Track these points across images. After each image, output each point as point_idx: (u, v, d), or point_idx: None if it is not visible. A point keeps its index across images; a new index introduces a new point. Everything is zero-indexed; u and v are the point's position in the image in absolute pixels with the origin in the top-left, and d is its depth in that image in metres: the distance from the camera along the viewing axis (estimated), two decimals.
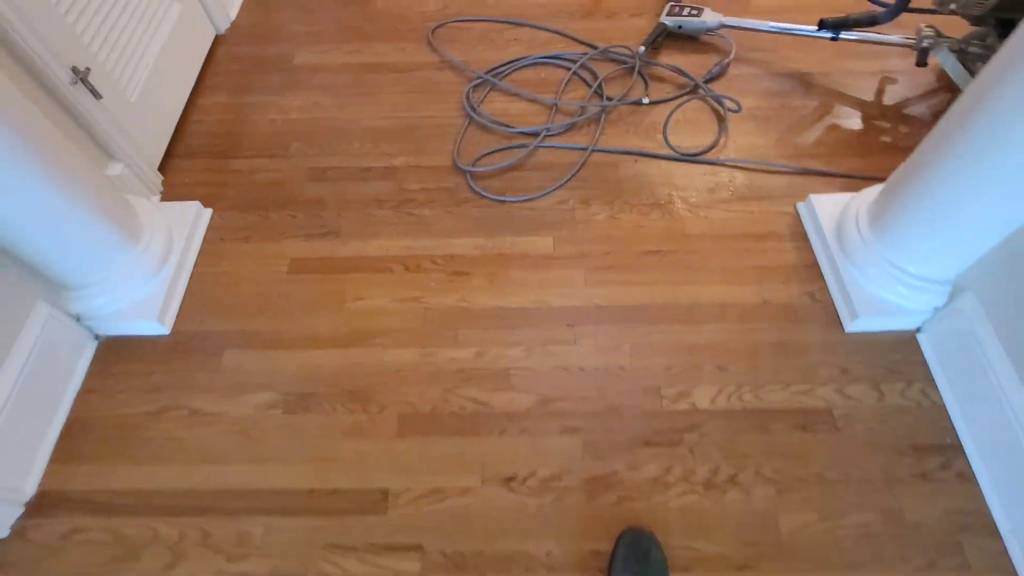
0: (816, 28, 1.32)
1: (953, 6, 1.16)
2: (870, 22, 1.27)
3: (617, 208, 1.16)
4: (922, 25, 1.29)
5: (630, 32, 1.47)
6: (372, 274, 1.08)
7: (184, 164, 1.26)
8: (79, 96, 1.00)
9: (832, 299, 1.02)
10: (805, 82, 1.36)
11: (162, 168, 1.24)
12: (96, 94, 1.03)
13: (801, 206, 1.14)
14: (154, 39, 1.23)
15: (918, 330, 0.98)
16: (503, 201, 1.18)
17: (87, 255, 0.94)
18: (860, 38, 1.31)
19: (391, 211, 1.17)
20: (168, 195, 1.21)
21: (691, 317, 1.01)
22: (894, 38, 1.30)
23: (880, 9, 1.25)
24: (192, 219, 1.12)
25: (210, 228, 1.16)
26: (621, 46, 1.41)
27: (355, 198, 1.19)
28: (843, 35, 1.31)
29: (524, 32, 1.49)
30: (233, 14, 1.54)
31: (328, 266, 1.10)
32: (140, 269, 1.01)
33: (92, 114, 1.03)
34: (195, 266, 1.10)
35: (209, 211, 1.17)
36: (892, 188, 0.93)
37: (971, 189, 0.78)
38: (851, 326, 0.98)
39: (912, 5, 1.19)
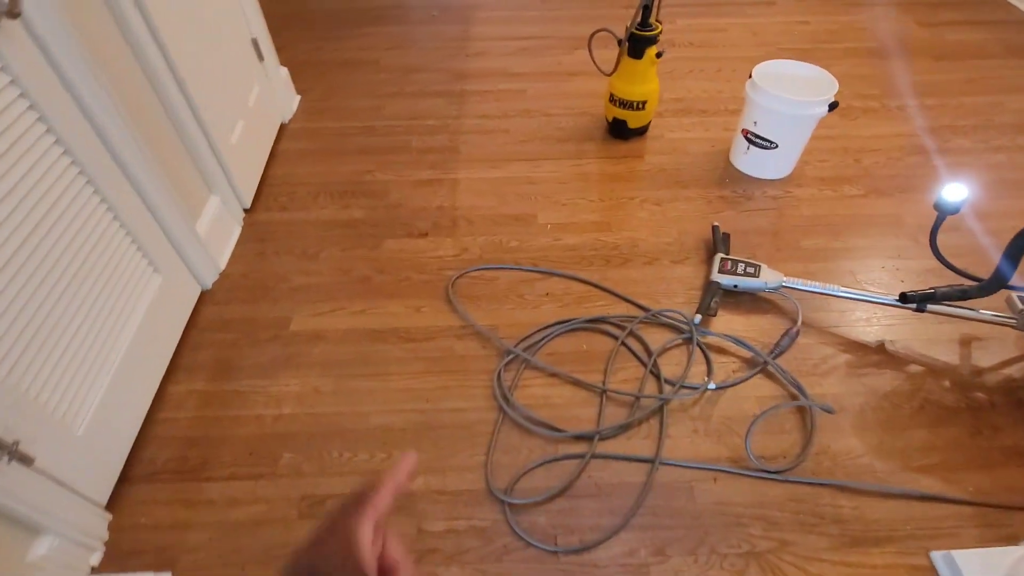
0: (897, 299, 1.16)
1: None
2: (960, 296, 1.12)
3: (704, 560, 0.90)
4: (1016, 297, 1.13)
5: (674, 283, 1.31)
6: None
7: (142, 493, 0.99)
8: (7, 472, 0.75)
9: None
10: (884, 351, 1.18)
11: (113, 501, 0.97)
12: (28, 460, 0.78)
13: (938, 559, 0.90)
14: (120, 336, 1.01)
15: None
16: (555, 552, 0.92)
17: None
18: (949, 312, 1.15)
19: None
20: (117, 545, 0.93)
21: None
22: (987, 315, 1.14)
23: (972, 283, 1.10)
24: None
25: None
26: (672, 312, 1.23)
27: None
28: (930, 307, 1.15)
29: (556, 284, 1.32)
30: (223, 262, 1.36)
31: None
32: None
33: (16, 489, 0.77)
34: None
35: None
36: None
37: None
38: None
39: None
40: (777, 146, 1.49)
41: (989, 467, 1.01)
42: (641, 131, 1.69)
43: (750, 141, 1.52)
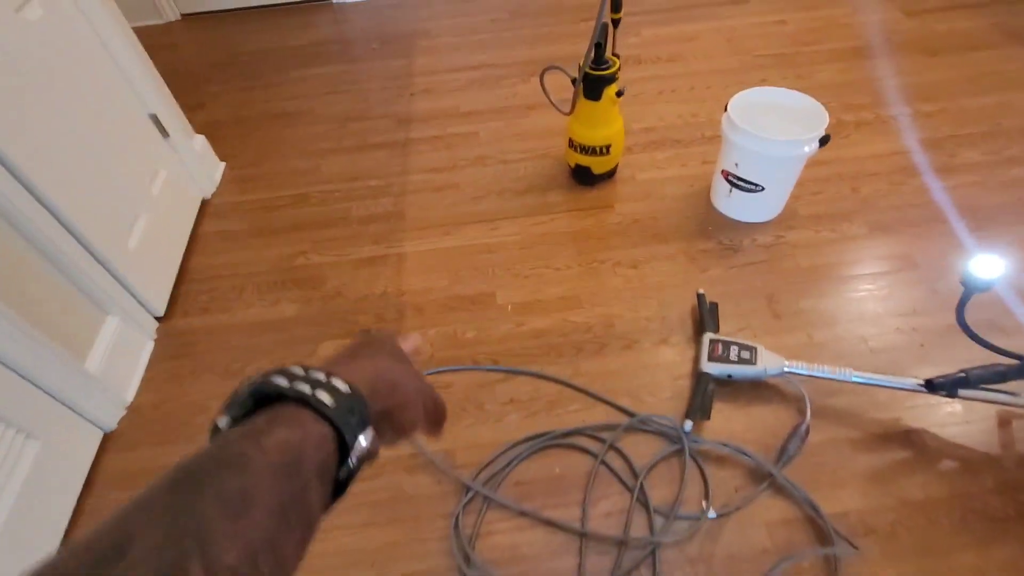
0: (922, 385, 0.97)
1: None
2: (998, 379, 0.94)
3: None
4: None
5: (658, 372, 1.12)
6: None
7: None
8: None
9: None
10: (910, 443, 1.00)
11: None
12: None
13: None
14: None
15: None
16: None
17: None
18: (985, 398, 0.97)
19: None
20: None
21: None
22: None
23: (1014, 363, 0.91)
24: None
25: None
26: (659, 419, 1.04)
27: None
28: (961, 394, 0.96)
29: (522, 385, 1.13)
30: (130, 393, 1.15)
31: None
32: None
33: None
34: None
35: None
36: None
37: None
38: None
39: None
40: (763, 188, 1.29)
41: None
42: (609, 174, 1.50)
43: (732, 184, 1.32)
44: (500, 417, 1.08)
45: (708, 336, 1.11)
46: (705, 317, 1.16)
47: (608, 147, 1.40)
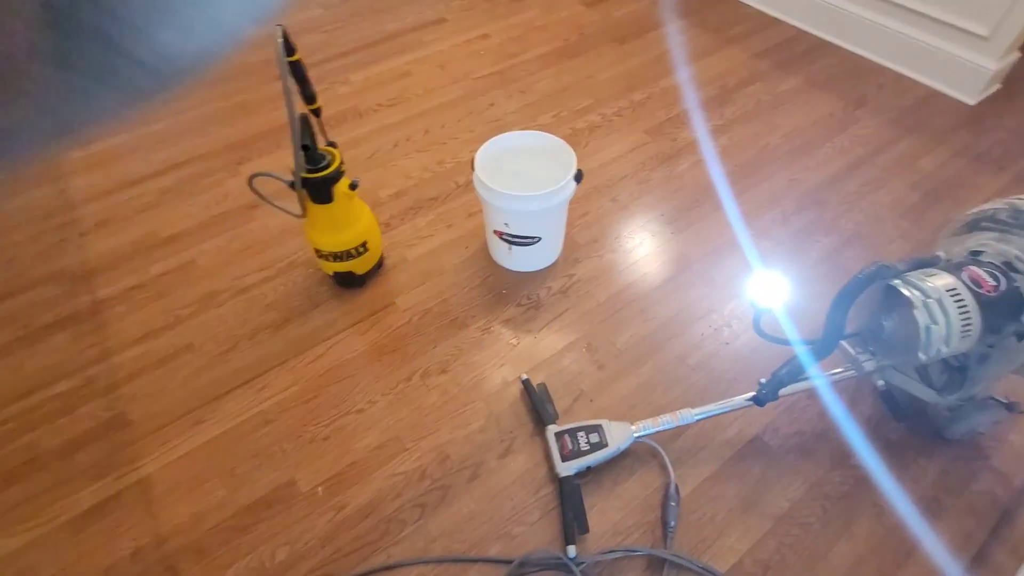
0: (751, 401, 0.99)
1: None
2: (802, 370, 0.99)
3: None
4: (845, 345, 1.05)
5: (517, 493, 0.97)
6: None
7: None
8: None
9: None
10: (757, 451, 1.03)
11: None
12: None
13: None
14: None
15: None
16: None
17: None
18: (801, 389, 1.02)
19: None
20: None
21: None
22: (832, 376, 1.03)
23: (806, 348, 0.97)
24: None
25: None
26: (539, 554, 0.89)
27: None
28: (782, 394, 1.01)
29: None
30: None
31: None
32: None
33: None
34: None
35: None
36: None
37: None
38: None
39: None
40: (541, 239, 1.21)
41: None
42: (376, 267, 1.28)
43: (509, 242, 1.22)
44: None
45: (552, 431, 1.00)
46: (538, 406, 1.04)
47: (364, 244, 1.18)
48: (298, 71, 0.94)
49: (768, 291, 0.87)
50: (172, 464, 1.02)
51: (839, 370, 1.02)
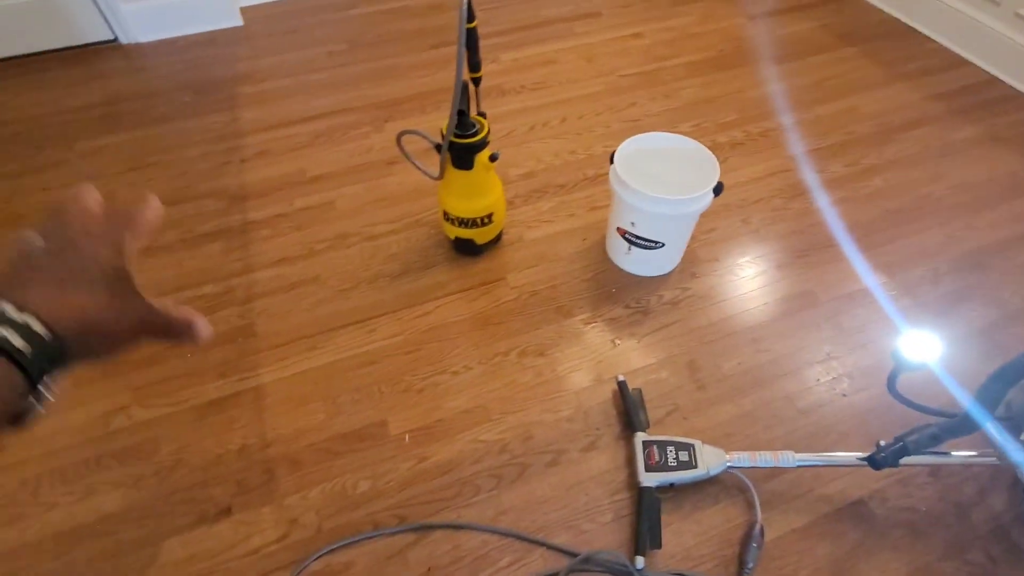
0: (865, 461, 0.91)
1: None
2: (932, 443, 0.90)
3: None
4: (992, 428, 0.94)
5: (593, 489, 0.97)
6: None
7: None
8: None
9: None
10: (859, 516, 0.94)
11: None
12: None
13: None
14: None
15: None
16: None
17: None
18: (926, 463, 0.93)
19: None
20: None
21: None
22: (967, 457, 0.93)
23: (942, 420, 0.88)
24: None
25: None
26: (605, 555, 0.89)
27: None
28: (903, 463, 0.92)
29: (439, 543, 0.92)
30: None
31: None
32: None
33: None
34: None
35: None
36: None
37: None
38: None
39: None
40: (664, 245, 1.19)
41: None
42: (494, 241, 1.32)
43: (630, 242, 1.20)
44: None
45: (640, 438, 0.98)
46: (631, 410, 1.03)
47: (490, 215, 1.21)
48: (472, 38, 0.98)
49: (919, 350, 0.79)
50: (285, 380, 1.11)
51: (974, 453, 0.92)
